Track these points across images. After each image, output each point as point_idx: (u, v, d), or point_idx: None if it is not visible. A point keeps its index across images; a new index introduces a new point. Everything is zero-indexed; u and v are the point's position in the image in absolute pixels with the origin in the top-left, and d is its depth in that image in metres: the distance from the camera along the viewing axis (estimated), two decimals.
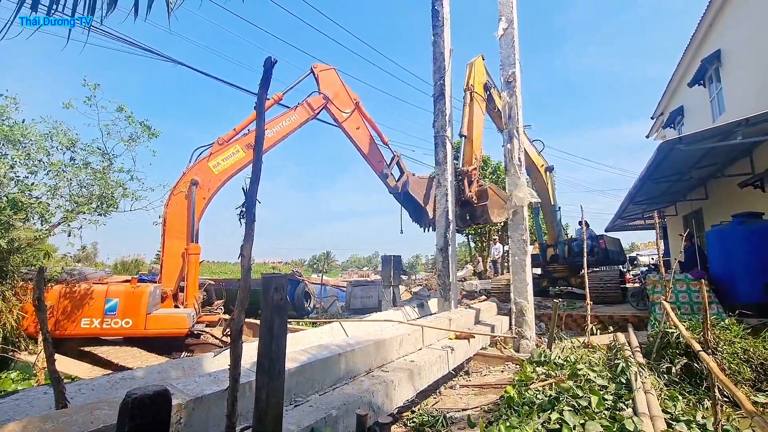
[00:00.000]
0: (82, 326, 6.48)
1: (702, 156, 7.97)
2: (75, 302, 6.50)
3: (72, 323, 6.44)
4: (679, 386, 4.29)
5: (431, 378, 4.66)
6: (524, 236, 7.11)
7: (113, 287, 6.84)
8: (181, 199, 7.45)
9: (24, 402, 2.88)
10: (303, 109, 8.88)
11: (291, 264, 44.17)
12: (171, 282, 7.42)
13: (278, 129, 8.47)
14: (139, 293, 6.78)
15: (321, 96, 9.16)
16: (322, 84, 9.30)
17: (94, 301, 6.60)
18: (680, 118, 14.60)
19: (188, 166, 7.67)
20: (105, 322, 6.57)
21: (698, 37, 11.72)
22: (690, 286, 7.03)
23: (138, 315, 6.69)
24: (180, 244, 7.44)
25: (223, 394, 2.51)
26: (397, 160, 10.70)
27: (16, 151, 5.95)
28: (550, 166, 12.02)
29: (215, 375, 2.94)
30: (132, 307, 6.69)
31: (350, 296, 13.62)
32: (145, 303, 6.73)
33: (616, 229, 16.77)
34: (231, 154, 7.86)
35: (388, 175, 10.50)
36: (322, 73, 9.36)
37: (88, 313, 6.54)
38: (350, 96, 9.86)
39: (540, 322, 8.65)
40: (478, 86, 9.13)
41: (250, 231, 2.02)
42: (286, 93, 8.80)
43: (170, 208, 7.44)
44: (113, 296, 6.70)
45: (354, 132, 9.87)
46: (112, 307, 6.64)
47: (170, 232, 7.42)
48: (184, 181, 7.49)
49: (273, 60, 2.05)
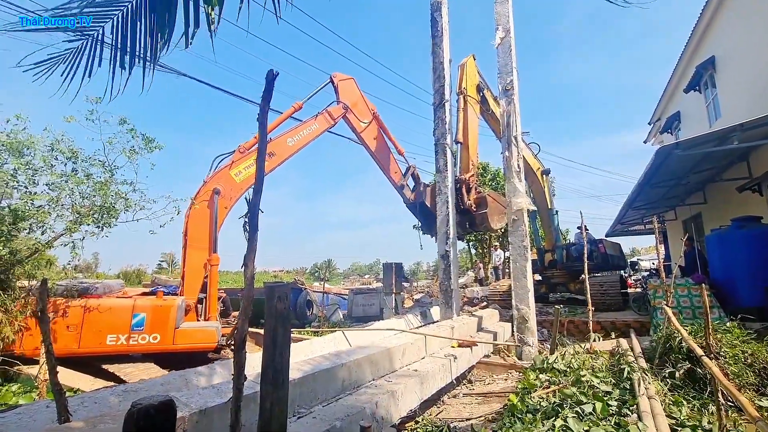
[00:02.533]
0: (108, 343, 6.10)
1: (699, 160, 8.03)
2: (100, 318, 6.13)
3: (97, 340, 6.05)
4: (683, 391, 4.28)
5: (434, 387, 4.64)
6: (524, 242, 7.13)
7: (140, 301, 6.52)
8: (203, 209, 7.23)
9: (26, 416, 2.87)
10: (323, 118, 8.86)
11: (293, 272, 44.03)
12: (193, 294, 7.20)
13: (299, 138, 8.46)
14: (167, 307, 6.49)
15: (341, 105, 9.15)
16: (341, 93, 9.29)
17: (120, 316, 6.23)
18: (677, 124, 14.70)
19: (209, 175, 7.47)
20: (132, 338, 6.22)
21: (692, 44, 11.86)
22: (691, 290, 7.03)
23: (166, 330, 6.38)
24: (202, 255, 7.19)
25: (226, 405, 2.50)
26: (413, 171, 10.64)
27: (18, 160, 5.97)
28: (547, 170, 12.03)
29: (218, 387, 2.94)
30: (160, 321, 6.39)
31: (352, 304, 13.59)
32: (173, 317, 6.46)
33: (617, 234, 16.77)
34: (253, 162, 7.69)
35: (405, 186, 10.47)
36: (342, 82, 9.37)
37: (114, 329, 6.18)
38: (368, 106, 9.90)
39: (542, 329, 8.62)
40: (471, 88, 9.14)
41: (254, 241, 2.04)
42: (306, 102, 8.75)
43: (191, 218, 7.20)
44: (140, 310, 6.36)
45: (372, 142, 9.86)
46: (140, 322, 6.30)
47: (192, 243, 7.17)
48: (205, 190, 7.29)
49: (275, 73, 2.09)
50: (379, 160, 10.05)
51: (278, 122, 8.51)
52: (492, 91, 10.03)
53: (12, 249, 5.74)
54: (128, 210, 7.12)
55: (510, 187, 7.39)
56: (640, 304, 9.26)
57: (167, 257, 54.63)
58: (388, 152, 10.27)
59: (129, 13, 1.96)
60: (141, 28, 1.95)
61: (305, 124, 8.67)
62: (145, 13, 1.93)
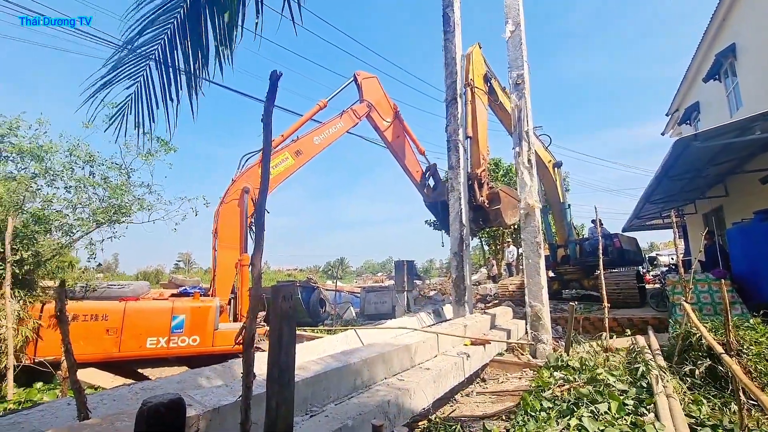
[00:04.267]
0: (148, 346, 6.00)
1: (720, 152, 7.77)
2: (140, 321, 6.06)
3: (137, 343, 5.95)
4: (704, 390, 4.16)
5: (447, 386, 4.61)
6: (537, 238, 7.02)
7: (178, 303, 6.45)
8: (233, 208, 7.20)
9: (49, 413, 2.97)
10: (348, 117, 8.90)
11: (306, 271, 44.43)
12: (225, 294, 7.13)
13: (325, 136, 8.49)
14: (206, 308, 6.43)
15: (365, 104, 9.18)
16: (365, 91, 9.32)
17: (159, 319, 6.14)
18: (696, 114, 14.28)
19: (237, 174, 7.47)
20: (172, 341, 6.12)
21: (711, 32, 11.48)
22: (711, 286, 6.82)
23: (205, 332, 6.32)
24: (233, 255, 7.15)
25: (238, 404, 2.53)
26: (433, 170, 10.59)
27: (39, 165, 6.17)
28: (558, 162, 11.79)
29: (231, 386, 2.98)
30: (199, 323, 6.32)
31: (364, 302, 13.63)
32: (212, 318, 6.41)
33: (633, 229, 16.40)
34: (281, 161, 7.76)
35: (426, 185, 10.43)
36: (365, 80, 9.41)
37: (154, 331, 6.07)
38: (390, 104, 9.88)
39: (556, 326, 8.50)
40: (478, 79, 9.00)
41: (260, 240, 2.06)
42: (331, 99, 8.78)
43: (221, 217, 7.16)
44: (179, 312, 6.26)
45: (394, 141, 9.87)
46: (179, 324, 6.20)
47: (222, 242, 7.12)
48: (234, 188, 7.27)
49: (279, 73, 2.09)
50: (401, 159, 10.04)
51: (304, 120, 8.54)
52: (499, 81, 9.89)
53: (35, 251, 5.93)
54: (144, 210, 7.28)
55: (521, 183, 7.29)
56: (658, 300, 9.04)
57: (184, 257, 55.73)
58: (410, 151, 10.25)
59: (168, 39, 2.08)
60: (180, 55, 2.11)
61: (331, 122, 8.69)
62: (182, 39, 2.04)
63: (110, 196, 6.85)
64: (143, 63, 2.08)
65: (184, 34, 1.98)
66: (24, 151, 6.03)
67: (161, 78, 2.11)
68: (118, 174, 7.08)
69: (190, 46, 1.99)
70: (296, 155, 7.95)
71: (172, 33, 2.01)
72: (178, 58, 2.05)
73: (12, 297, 5.20)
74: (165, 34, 2.02)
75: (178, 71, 2.06)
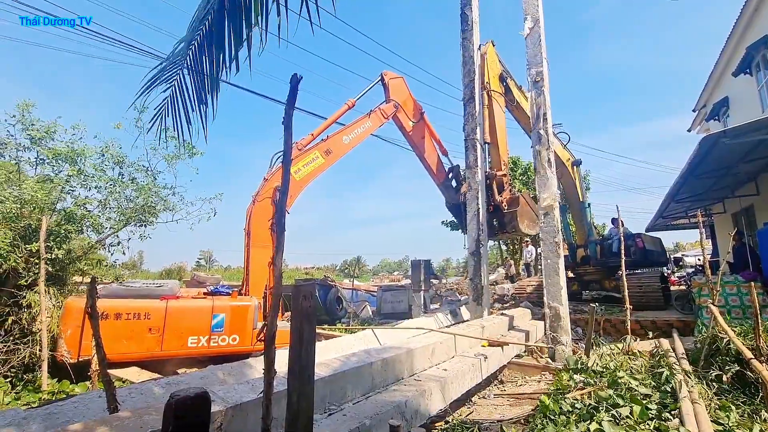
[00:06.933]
0: (189, 345, 6.02)
1: (750, 149, 7.46)
2: (181, 319, 6.09)
3: (179, 342, 5.98)
4: (732, 396, 4.02)
5: (464, 387, 4.60)
6: (557, 238, 6.91)
7: (218, 302, 6.46)
8: (266, 207, 7.23)
9: (81, 405, 3.11)
10: (376, 116, 8.98)
11: (323, 269, 44.88)
12: (259, 293, 7.16)
13: (354, 135, 8.58)
14: (245, 307, 6.44)
15: (392, 104, 9.25)
16: (392, 92, 9.38)
17: (200, 318, 6.16)
18: (725, 110, 13.72)
19: (269, 173, 7.57)
20: (212, 340, 6.13)
21: (742, 23, 11.01)
22: (741, 288, 6.58)
23: (245, 331, 6.33)
24: (266, 253, 7.15)
25: (260, 401, 2.60)
26: (456, 171, 10.55)
27: (72, 167, 6.44)
28: (577, 160, 11.55)
29: (253, 383, 3.05)
30: (238, 322, 6.34)
31: (381, 301, 13.68)
32: (251, 317, 6.41)
33: (658, 228, 15.90)
34: (311, 159, 7.84)
35: (450, 186, 10.42)
36: (392, 81, 9.47)
37: (195, 330, 6.09)
38: (416, 105, 9.93)
39: (576, 327, 8.35)
40: (494, 80, 8.91)
41: (281, 241, 2.11)
42: (359, 99, 8.89)
43: (254, 216, 7.20)
44: (219, 311, 6.28)
45: (419, 142, 9.90)
46: (219, 323, 6.22)
47: (255, 241, 7.17)
48: (267, 188, 7.32)
49: (299, 77, 2.13)
50: (425, 160, 10.03)
51: (332, 120, 8.63)
52: (515, 79, 9.75)
53: (67, 249, 6.20)
54: (168, 210, 7.51)
55: (540, 182, 7.18)
56: (683, 302, 8.76)
57: (205, 255, 57.03)
58: (434, 152, 10.24)
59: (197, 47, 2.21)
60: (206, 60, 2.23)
61: (359, 122, 8.77)
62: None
63: (138, 196, 7.10)
64: (176, 69, 2.19)
65: (210, 41, 2.06)
66: (60, 154, 6.31)
67: (193, 82, 2.22)
68: (145, 176, 7.32)
69: (214, 51, 2.07)
70: (326, 154, 8.04)
71: (202, 39, 2.10)
72: (205, 64, 2.14)
73: (45, 293, 5.44)
74: (195, 41, 2.11)
75: (206, 76, 2.15)
